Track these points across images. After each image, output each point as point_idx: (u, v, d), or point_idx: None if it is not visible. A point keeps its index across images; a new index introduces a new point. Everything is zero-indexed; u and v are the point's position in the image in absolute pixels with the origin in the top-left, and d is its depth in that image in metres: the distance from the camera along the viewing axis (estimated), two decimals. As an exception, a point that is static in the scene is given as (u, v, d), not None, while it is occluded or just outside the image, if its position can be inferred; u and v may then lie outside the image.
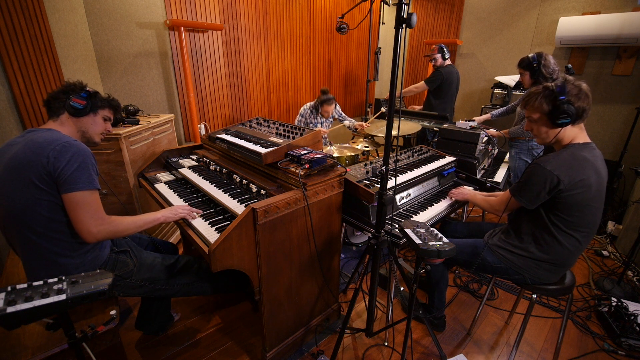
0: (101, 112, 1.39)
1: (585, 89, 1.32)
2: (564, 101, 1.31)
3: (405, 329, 1.42)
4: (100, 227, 1.20)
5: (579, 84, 1.33)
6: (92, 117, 1.36)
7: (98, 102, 1.36)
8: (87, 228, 1.17)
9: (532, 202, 1.40)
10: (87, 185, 1.17)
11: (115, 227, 1.24)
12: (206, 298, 2.14)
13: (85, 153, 1.20)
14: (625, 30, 3.00)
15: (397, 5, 1.09)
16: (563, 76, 1.37)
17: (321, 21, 4.18)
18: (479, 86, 4.46)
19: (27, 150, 1.16)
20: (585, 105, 1.32)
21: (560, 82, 1.33)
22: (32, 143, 1.17)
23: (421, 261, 1.23)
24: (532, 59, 2.25)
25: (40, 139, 1.18)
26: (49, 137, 1.19)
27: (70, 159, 1.15)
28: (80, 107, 1.30)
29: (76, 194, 1.15)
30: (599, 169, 1.35)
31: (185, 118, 3.15)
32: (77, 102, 1.29)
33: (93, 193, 1.20)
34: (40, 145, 1.16)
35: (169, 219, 1.44)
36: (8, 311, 0.72)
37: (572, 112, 1.30)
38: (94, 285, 0.84)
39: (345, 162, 2.51)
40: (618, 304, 1.95)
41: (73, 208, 1.16)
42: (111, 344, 1.29)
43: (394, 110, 1.21)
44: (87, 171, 1.18)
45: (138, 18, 2.64)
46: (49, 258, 1.22)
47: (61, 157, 1.14)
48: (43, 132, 1.24)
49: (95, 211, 1.20)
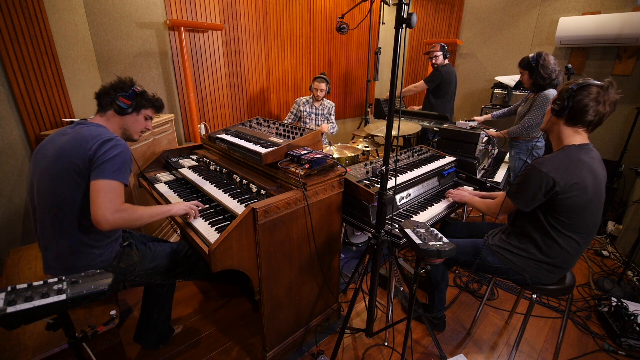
0: (144, 112, 1.46)
1: (601, 97, 1.28)
2: (570, 91, 1.31)
3: (405, 329, 1.42)
4: (116, 214, 1.21)
5: (600, 89, 1.29)
6: (135, 116, 1.44)
7: (142, 102, 1.44)
8: (104, 213, 1.18)
9: (528, 204, 1.40)
10: (114, 176, 1.22)
11: (130, 215, 1.26)
12: (206, 298, 2.14)
13: (124, 150, 1.28)
14: (625, 30, 3.00)
15: (397, 5, 1.09)
16: (609, 80, 1.32)
17: (321, 21, 4.18)
18: (479, 86, 4.46)
19: (75, 141, 1.25)
20: (589, 107, 1.29)
21: (587, 81, 1.31)
22: (80, 136, 1.26)
23: (421, 261, 1.23)
24: (531, 59, 2.25)
25: (87, 132, 1.28)
26: (94, 132, 1.28)
27: (108, 151, 1.23)
28: (125, 107, 1.38)
29: (101, 181, 1.20)
30: (595, 170, 1.33)
31: (185, 118, 3.15)
32: (123, 102, 1.37)
33: (117, 184, 1.24)
34: (85, 138, 1.25)
35: (179, 212, 1.46)
36: (8, 311, 0.73)
37: (567, 105, 1.31)
38: (94, 285, 0.84)
39: (345, 162, 2.51)
40: (618, 304, 1.95)
41: (94, 193, 1.20)
42: (111, 344, 1.29)
43: (393, 110, 1.21)
44: (117, 164, 1.24)
45: (138, 18, 2.64)
46: (78, 249, 1.29)
47: (101, 148, 1.23)
48: (91, 126, 1.33)
49: (115, 199, 1.22)
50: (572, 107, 1.31)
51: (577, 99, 1.30)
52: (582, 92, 1.29)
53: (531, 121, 2.31)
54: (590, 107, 1.29)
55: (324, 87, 3.19)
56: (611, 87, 1.29)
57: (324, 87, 3.19)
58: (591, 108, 1.29)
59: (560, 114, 1.35)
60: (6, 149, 1.86)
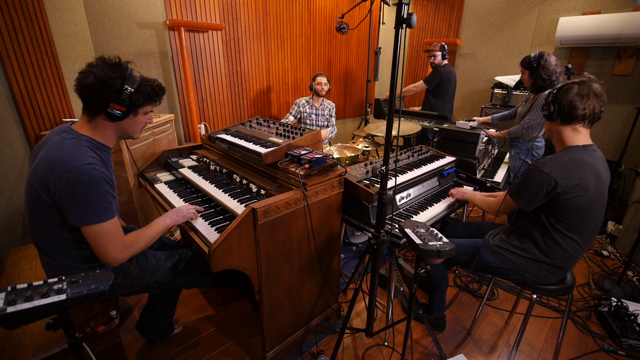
0: (142, 110, 1.27)
1: (582, 90, 1.32)
2: (551, 95, 1.38)
3: (405, 329, 1.42)
4: (124, 252, 1.19)
5: (579, 84, 1.33)
6: (132, 118, 1.25)
7: (140, 100, 1.22)
8: (113, 256, 1.16)
9: (529, 204, 1.40)
10: (99, 219, 1.12)
11: (136, 247, 1.24)
12: (206, 298, 2.14)
13: (95, 183, 1.11)
14: (625, 30, 3.00)
15: (397, 5, 1.09)
16: (587, 75, 1.37)
17: (321, 21, 4.18)
18: (479, 86, 4.46)
19: (45, 164, 1.10)
20: (576, 102, 1.32)
21: (564, 83, 1.37)
22: (51, 157, 1.11)
23: (421, 261, 1.23)
24: (532, 59, 2.25)
25: (58, 152, 1.11)
26: (64, 155, 1.10)
27: (76, 194, 1.08)
28: (120, 115, 1.18)
29: (91, 228, 1.12)
30: (599, 171, 1.33)
31: (185, 118, 3.15)
32: (116, 109, 1.15)
33: (108, 224, 1.14)
34: (54, 164, 1.09)
35: (177, 222, 1.42)
36: (8, 311, 0.72)
37: (555, 107, 1.36)
38: (94, 285, 0.84)
39: (345, 162, 2.51)
40: (618, 304, 1.95)
41: (91, 240, 1.14)
42: (111, 344, 1.29)
43: (394, 110, 1.21)
44: (96, 205, 1.11)
45: (138, 18, 2.64)
46: (64, 270, 1.23)
47: (66, 189, 1.07)
48: (69, 141, 1.15)
49: (116, 239, 1.17)
50: (559, 108, 1.36)
51: (559, 99, 1.35)
52: (562, 91, 1.36)
53: (531, 121, 2.31)
54: (575, 102, 1.32)
55: (326, 81, 3.21)
56: (590, 81, 1.33)
57: (326, 81, 3.21)
58: (577, 102, 1.32)
59: (552, 118, 1.40)
60: (6, 149, 1.86)
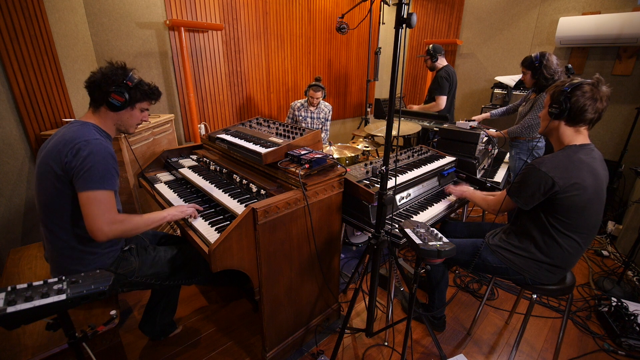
0: (139, 105, 1.40)
1: (596, 94, 1.29)
2: (565, 93, 1.32)
3: (405, 329, 1.42)
4: (112, 225, 1.20)
5: (593, 86, 1.30)
6: (129, 111, 1.37)
7: (137, 96, 1.36)
8: (100, 226, 1.17)
9: (527, 203, 1.40)
10: (100, 185, 1.18)
11: (125, 226, 1.25)
12: (206, 298, 2.14)
13: (102, 154, 1.20)
14: (625, 30, 3.00)
15: (397, 5, 1.09)
16: (597, 77, 1.34)
17: (321, 21, 4.18)
18: (479, 86, 4.46)
19: (55, 145, 1.21)
20: (588, 106, 1.30)
21: (577, 81, 1.33)
22: (61, 139, 1.22)
23: (421, 261, 1.23)
24: (534, 59, 2.25)
25: (69, 134, 1.23)
26: (75, 134, 1.22)
27: (86, 159, 1.17)
28: (119, 105, 1.31)
29: (89, 193, 1.17)
30: (596, 170, 1.33)
31: (185, 118, 3.15)
32: (115, 99, 1.29)
33: (106, 193, 1.20)
34: (66, 141, 1.20)
35: (175, 217, 1.45)
36: (8, 311, 0.72)
37: (566, 107, 1.31)
38: (94, 285, 0.84)
39: (345, 162, 2.51)
40: (618, 304, 1.95)
41: (85, 206, 1.17)
42: (111, 344, 1.29)
43: (393, 110, 1.22)
44: (100, 172, 1.18)
45: (138, 18, 2.64)
46: (70, 254, 1.27)
47: (76, 156, 1.17)
48: (77, 126, 1.28)
49: (107, 210, 1.20)
50: (571, 109, 1.32)
51: (573, 100, 1.31)
52: (577, 92, 1.31)
53: (532, 121, 2.31)
54: (588, 106, 1.30)
55: (320, 95, 3.18)
56: (601, 83, 1.31)
57: (320, 95, 3.18)
58: (589, 106, 1.30)
59: (560, 117, 1.36)
60: (6, 149, 1.86)
